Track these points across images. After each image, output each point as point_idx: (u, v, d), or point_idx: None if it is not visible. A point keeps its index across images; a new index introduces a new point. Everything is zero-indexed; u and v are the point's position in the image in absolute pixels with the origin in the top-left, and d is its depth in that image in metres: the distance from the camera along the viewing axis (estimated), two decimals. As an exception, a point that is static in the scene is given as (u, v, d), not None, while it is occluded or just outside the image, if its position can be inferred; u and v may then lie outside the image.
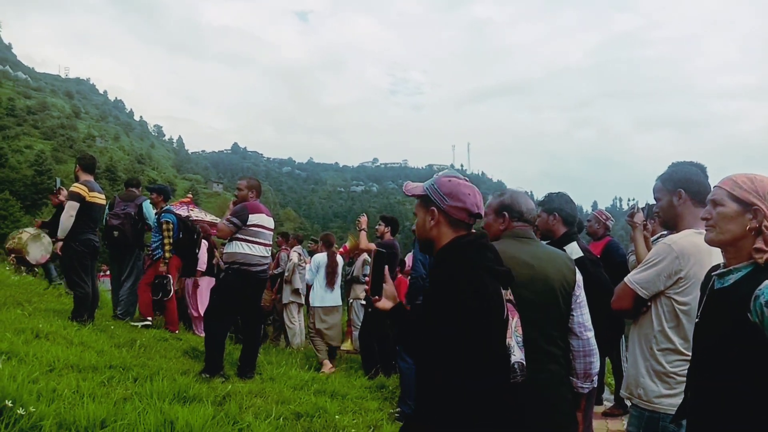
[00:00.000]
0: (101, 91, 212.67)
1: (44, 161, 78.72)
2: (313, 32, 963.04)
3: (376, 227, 7.01)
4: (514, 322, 1.96)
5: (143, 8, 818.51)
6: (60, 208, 7.47)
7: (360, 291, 8.37)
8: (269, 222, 5.76)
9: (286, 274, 9.16)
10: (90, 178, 6.68)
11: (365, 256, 7.82)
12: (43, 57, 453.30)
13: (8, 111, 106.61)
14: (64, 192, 7.10)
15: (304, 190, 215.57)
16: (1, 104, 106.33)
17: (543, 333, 2.40)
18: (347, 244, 9.39)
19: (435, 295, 1.87)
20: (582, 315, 2.54)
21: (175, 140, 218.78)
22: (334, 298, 8.10)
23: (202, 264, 8.55)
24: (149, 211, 7.65)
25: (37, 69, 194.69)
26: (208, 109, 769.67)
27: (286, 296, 9.06)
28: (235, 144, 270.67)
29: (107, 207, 7.50)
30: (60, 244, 6.32)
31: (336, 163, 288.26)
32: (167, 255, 7.14)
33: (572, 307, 2.53)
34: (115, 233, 7.31)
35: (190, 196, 10.61)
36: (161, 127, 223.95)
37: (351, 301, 8.91)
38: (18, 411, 3.04)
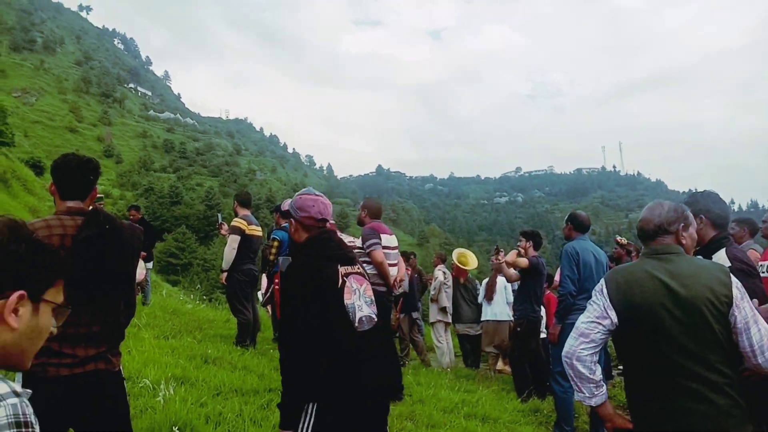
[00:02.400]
0: (258, 128, 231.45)
1: (213, 196, 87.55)
2: (446, 48, 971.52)
3: (517, 244, 6.71)
4: (363, 288, 2.66)
5: (289, 47, 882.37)
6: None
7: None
8: (392, 241, 5.75)
9: (432, 292, 9.20)
10: (247, 212, 7.22)
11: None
12: (206, 102, 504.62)
13: (181, 154, 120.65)
14: (225, 226, 7.74)
15: (447, 205, 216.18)
16: (175, 148, 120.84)
17: (696, 359, 2.15)
18: (455, 263, 9.26)
19: (284, 279, 2.68)
20: (751, 337, 2.19)
21: (325, 168, 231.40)
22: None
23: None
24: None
25: (201, 113, 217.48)
26: (353, 135, 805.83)
27: (433, 315, 9.12)
28: (379, 166, 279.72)
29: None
30: (224, 275, 6.90)
31: (477, 175, 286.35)
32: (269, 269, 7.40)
33: (735, 327, 2.21)
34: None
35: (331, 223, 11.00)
36: (312, 156, 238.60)
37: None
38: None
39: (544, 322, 7.28)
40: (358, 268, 2.74)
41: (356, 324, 2.58)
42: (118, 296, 2.66)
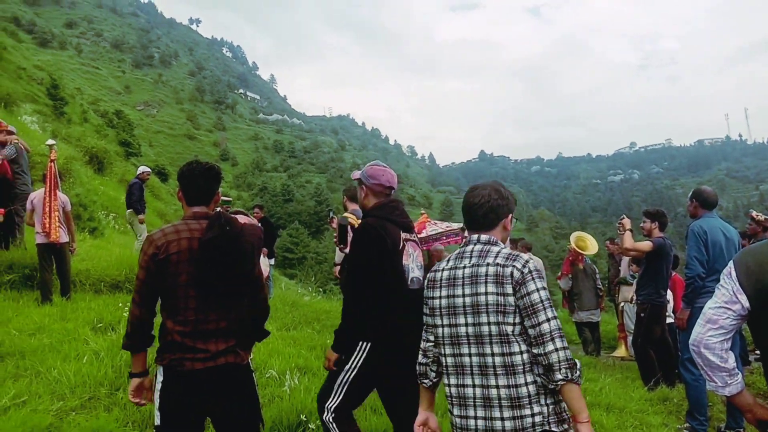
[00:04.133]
0: (360, 123, 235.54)
1: (321, 192, 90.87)
2: (547, 25, 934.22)
3: (641, 225, 6.27)
4: (416, 254, 3.18)
5: (386, 41, 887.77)
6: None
7: (629, 293, 7.78)
8: None
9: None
10: (356, 206, 7.39)
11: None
12: (310, 102, 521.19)
13: (290, 153, 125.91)
14: (336, 220, 7.96)
15: (556, 187, 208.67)
16: (284, 148, 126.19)
17: None
18: (573, 247, 8.84)
19: (354, 236, 3.13)
20: None
21: (426, 157, 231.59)
22: None
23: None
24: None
25: (307, 113, 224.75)
26: (454, 122, 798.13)
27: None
28: (482, 151, 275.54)
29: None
30: (337, 268, 7.10)
31: (588, 154, 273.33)
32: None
33: None
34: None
35: (424, 213, 11.06)
36: (413, 147, 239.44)
37: (621, 304, 8.31)
38: (310, 426, 3.42)
39: (671, 306, 6.85)
40: (414, 236, 3.25)
41: (408, 283, 3.05)
42: (242, 293, 2.81)
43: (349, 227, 7.74)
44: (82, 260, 8.21)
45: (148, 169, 11.54)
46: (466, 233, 2.50)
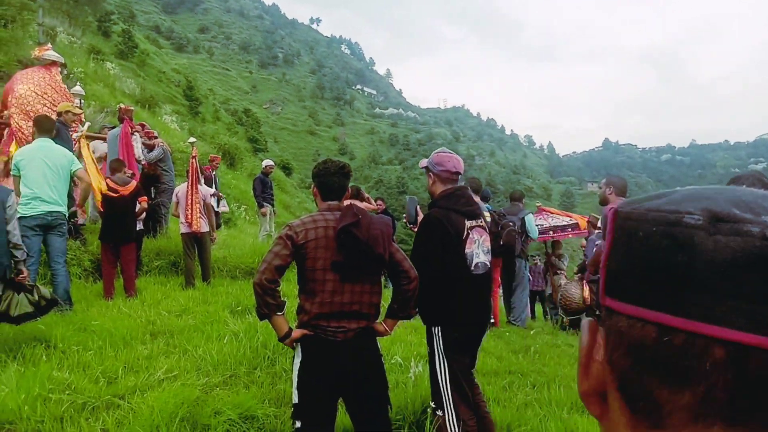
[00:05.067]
0: (474, 114, 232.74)
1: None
2: (676, 4, 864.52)
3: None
4: (482, 239, 3.34)
5: (502, 29, 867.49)
6: None
7: None
8: None
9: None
10: (477, 198, 7.36)
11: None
12: (425, 94, 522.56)
13: (404, 146, 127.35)
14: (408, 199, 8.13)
15: (689, 177, 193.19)
16: (399, 141, 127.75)
17: None
18: None
19: (419, 227, 3.37)
20: None
21: (545, 147, 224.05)
22: None
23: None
24: (531, 224, 7.99)
25: (421, 106, 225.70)
26: (574, 110, 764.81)
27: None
28: (606, 140, 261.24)
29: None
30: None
31: (725, 141, 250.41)
32: None
33: None
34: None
35: (539, 204, 10.72)
36: (531, 136, 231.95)
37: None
38: (438, 413, 3.47)
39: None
40: (482, 222, 3.40)
41: (472, 268, 3.25)
42: (375, 278, 3.01)
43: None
44: (219, 249, 8.88)
45: (271, 163, 12.17)
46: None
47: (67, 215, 5.94)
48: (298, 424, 2.84)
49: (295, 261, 2.89)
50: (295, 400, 2.87)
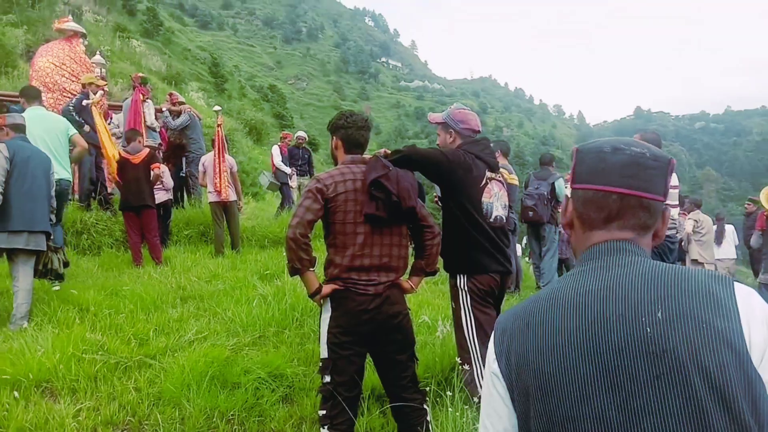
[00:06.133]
0: (502, 84, 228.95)
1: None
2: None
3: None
4: (501, 193, 3.34)
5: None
6: None
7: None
8: (674, 179, 5.20)
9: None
10: (506, 161, 7.21)
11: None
12: (451, 66, 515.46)
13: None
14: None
15: (724, 144, 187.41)
16: (425, 114, 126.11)
17: None
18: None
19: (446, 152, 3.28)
20: None
21: (575, 116, 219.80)
22: None
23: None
24: (561, 188, 7.82)
25: (447, 77, 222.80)
26: (606, 78, 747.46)
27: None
28: (637, 108, 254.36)
29: (523, 185, 8.09)
30: (484, 224, 7.05)
31: (762, 106, 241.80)
32: None
33: None
34: (530, 213, 7.71)
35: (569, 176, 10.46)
36: (560, 105, 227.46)
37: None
38: (465, 367, 3.44)
39: None
40: (500, 177, 3.41)
41: (491, 220, 3.24)
42: (404, 232, 3.00)
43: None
44: (248, 219, 8.95)
45: (302, 134, 12.06)
46: None
47: (71, 182, 6.02)
48: (327, 379, 2.83)
49: (324, 215, 2.86)
50: (324, 354, 2.86)
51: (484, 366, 3.14)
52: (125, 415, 3.40)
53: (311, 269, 2.86)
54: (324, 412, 2.81)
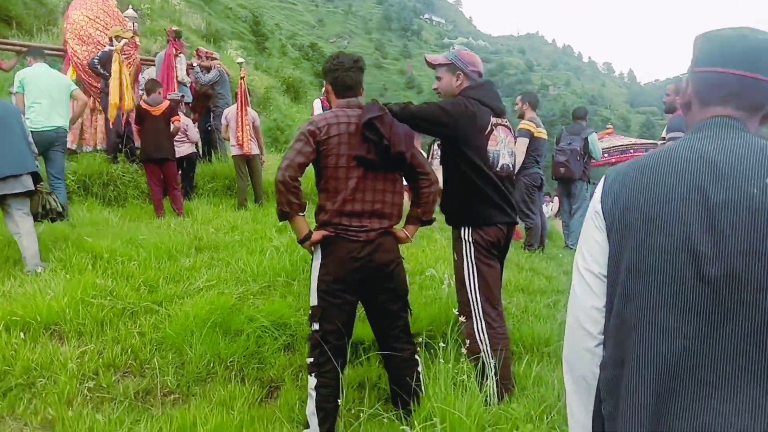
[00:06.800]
0: (549, 41, 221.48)
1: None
2: None
3: None
4: (507, 139, 3.09)
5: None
6: None
7: None
8: None
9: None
10: (534, 114, 6.93)
11: None
12: (497, 21, 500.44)
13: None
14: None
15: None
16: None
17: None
18: None
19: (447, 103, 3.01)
20: None
21: (626, 75, 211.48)
22: None
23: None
24: (594, 143, 7.49)
25: (493, 34, 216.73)
26: (659, 34, 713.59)
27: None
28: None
29: (555, 140, 7.80)
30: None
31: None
32: None
33: None
34: (561, 170, 7.43)
35: (610, 127, 10.01)
36: (610, 63, 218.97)
37: None
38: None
39: None
40: (507, 122, 3.14)
41: (497, 169, 3.01)
42: (396, 177, 2.88)
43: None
44: (272, 174, 8.91)
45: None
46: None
47: (68, 131, 6.31)
48: (315, 326, 2.78)
49: (316, 159, 2.76)
50: (314, 302, 2.81)
51: (485, 322, 3.06)
52: (127, 358, 3.45)
53: (301, 214, 2.79)
54: (312, 360, 2.77)
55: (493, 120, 3.06)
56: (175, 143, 6.99)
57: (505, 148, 3.11)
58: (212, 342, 3.52)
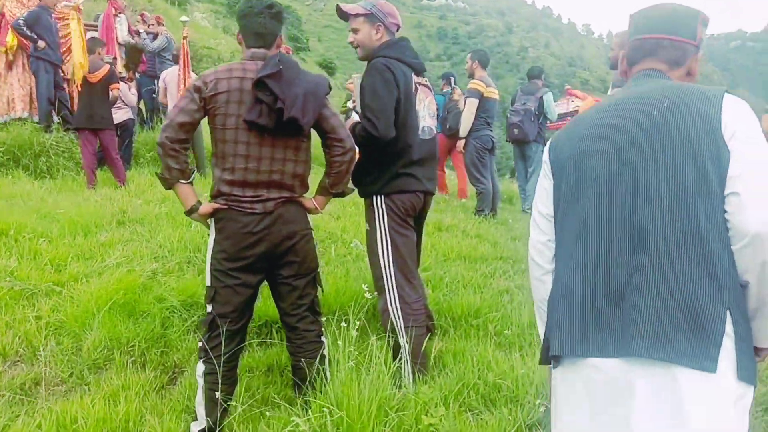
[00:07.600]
0: (528, 2, 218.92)
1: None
2: None
3: None
4: (428, 100, 2.92)
5: None
6: None
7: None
8: None
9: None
10: (485, 73, 6.62)
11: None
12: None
13: (453, 40, 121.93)
14: (458, 91, 7.54)
15: (760, 65, 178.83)
16: (447, 35, 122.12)
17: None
18: None
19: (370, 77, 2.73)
20: None
21: (605, 36, 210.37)
22: None
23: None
24: (549, 104, 7.21)
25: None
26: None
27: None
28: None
29: (511, 101, 7.51)
30: (461, 142, 6.55)
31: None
32: None
33: None
34: (515, 131, 7.15)
35: (568, 87, 9.83)
36: (589, 25, 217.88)
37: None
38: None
39: None
40: (426, 81, 2.96)
41: (419, 132, 2.83)
42: (299, 143, 2.52)
43: (457, 93, 7.21)
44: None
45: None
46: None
47: None
48: (209, 308, 2.51)
49: (207, 118, 2.44)
50: (208, 282, 2.52)
51: (399, 296, 2.82)
52: (19, 345, 3.16)
53: (183, 181, 2.47)
54: (200, 344, 2.51)
55: (416, 79, 2.83)
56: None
57: (426, 110, 2.86)
58: (113, 325, 3.24)
